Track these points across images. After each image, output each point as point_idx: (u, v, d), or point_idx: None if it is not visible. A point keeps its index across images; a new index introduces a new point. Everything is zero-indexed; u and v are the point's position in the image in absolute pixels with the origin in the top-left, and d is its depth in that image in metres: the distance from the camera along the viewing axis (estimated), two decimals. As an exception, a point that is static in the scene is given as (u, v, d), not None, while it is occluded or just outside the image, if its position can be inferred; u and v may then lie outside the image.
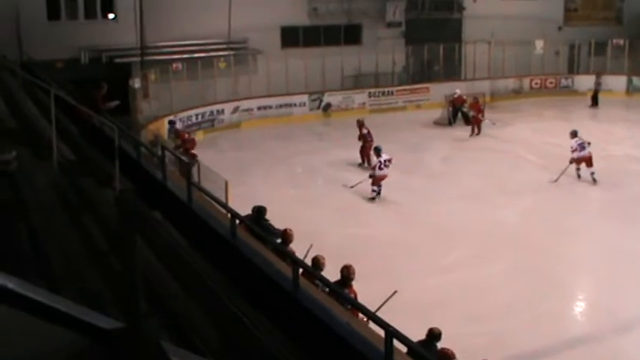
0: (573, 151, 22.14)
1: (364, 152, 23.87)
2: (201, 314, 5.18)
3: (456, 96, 30.58)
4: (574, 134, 22.63)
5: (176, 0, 30.12)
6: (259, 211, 13.18)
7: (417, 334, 9.35)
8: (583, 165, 22.07)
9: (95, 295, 6.16)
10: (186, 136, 22.85)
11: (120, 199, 4.39)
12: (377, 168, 20.59)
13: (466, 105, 30.04)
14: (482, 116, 28.88)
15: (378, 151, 21.00)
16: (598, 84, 35.18)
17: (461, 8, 37.24)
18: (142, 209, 4.00)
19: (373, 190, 20.55)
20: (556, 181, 21.93)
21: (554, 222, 18.57)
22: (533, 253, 16.47)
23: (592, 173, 21.97)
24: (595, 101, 34.72)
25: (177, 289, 5.35)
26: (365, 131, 24.04)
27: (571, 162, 22.12)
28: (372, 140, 23.59)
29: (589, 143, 22.09)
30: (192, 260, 4.08)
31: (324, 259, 10.83)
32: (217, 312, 3.85)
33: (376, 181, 20.51)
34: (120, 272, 5.67)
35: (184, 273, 4.00)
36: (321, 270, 10.69)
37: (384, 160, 20.59)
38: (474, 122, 28.76)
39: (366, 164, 23.50)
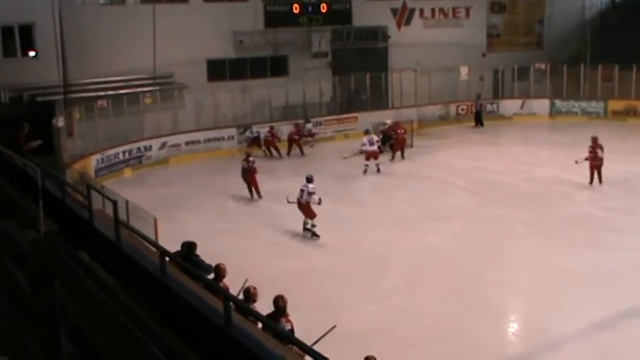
0: (363, 146, 26.73)
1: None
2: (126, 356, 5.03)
3: (386, 127, 30.65)
4: (366, 132, 27.76)
5: (99, 36, 29.77)
6: (189, 247, 13.08)
7: (354, 364, 9.31)
8: (372, 160, 26.59)
9: (19, 339, 5.94)
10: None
11: (36, 245, 4.23)
12: None
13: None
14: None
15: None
16: (479, 105, 36.60)
17: (386, 37, 37.71)
18: (61, 254, 3.85)
19: None
20: (345, 158, 28.15)
21: (484, 245, 18.78)
22: (465, 276, 16.61)
23: (377, 164, 26.86)
24: (479, 121, 36.39)
25: (101, 332, 5.19)
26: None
27: (360, 152, 26.97)
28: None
29: (378, 141, 27.56)
30: (111, 302, 3.95)
31: (255, 289, 10.81)
32: (137, 353, 3.73)
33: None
34: (42, 316, 5.47)
35: (104, 315, 3.87)
36: (255, 301, 10.62)
37: None
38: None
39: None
